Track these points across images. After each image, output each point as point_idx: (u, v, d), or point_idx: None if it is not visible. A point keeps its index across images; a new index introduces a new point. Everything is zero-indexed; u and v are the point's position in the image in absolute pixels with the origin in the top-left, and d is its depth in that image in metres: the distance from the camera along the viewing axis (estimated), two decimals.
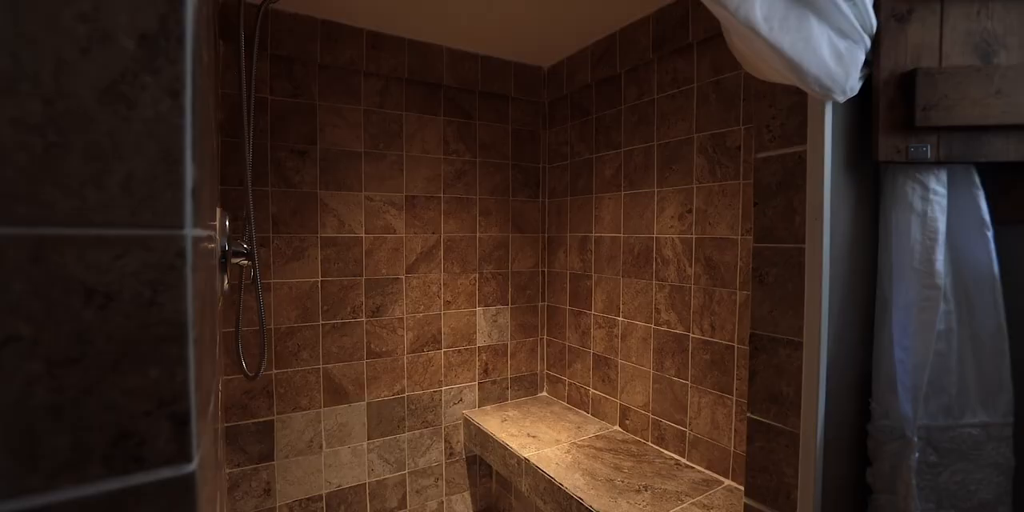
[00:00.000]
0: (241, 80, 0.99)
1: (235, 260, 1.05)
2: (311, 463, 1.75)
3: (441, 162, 2.00)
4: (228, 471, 1.61)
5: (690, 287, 1.55)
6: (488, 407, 2.13)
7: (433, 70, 1.93)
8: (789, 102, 0.81)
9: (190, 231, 0.34)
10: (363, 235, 1.83)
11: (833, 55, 0.69)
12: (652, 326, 1.70)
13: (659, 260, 1.66)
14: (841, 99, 0.72)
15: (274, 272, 1.67)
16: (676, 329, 1.60)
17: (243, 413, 1.63)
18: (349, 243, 1.81)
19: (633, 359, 1.78)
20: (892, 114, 0.78)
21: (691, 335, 1.55)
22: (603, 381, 1.94)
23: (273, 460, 1.68)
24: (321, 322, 1.76)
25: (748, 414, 0.88)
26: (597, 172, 1.93)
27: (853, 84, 0.72)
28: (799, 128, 0.79)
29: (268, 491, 1.67)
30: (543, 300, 2.28)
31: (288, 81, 1.66)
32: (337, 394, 1.79)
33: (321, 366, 1.76)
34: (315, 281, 1.74)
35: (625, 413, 1.83)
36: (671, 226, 1.61)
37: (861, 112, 0.79)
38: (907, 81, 0.77)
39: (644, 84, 1.70)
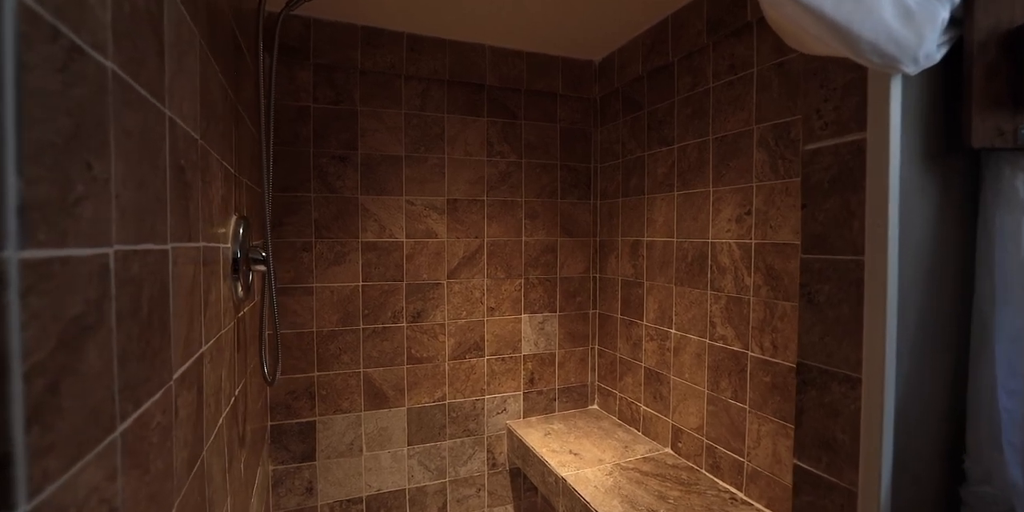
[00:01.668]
0: (259, 85, 1.00)
1: (257, 267, 1.06)
2: (351, 465, 1.77)
3: (484, 164, 1.94)
4: (272, 468, 1.67)
5: (749, 299, 1.36)
6: (533, 418, 2.05)
7: (475, 70, 1.88)
8: (844, 80, 0.65)
9: (15, 253, 0.29)
10: (404, 240, 1.82)
11: (899, 14, 0.54)
12: (707, 341, 1.52)
13: (714, 268, 1.49)
14: (912, 70, 0.56)
15: (316, 276, 1.70)
16: (733, 346, 1.42)
17: (287, 413, 1.67)
18: (389, 248, 1.80)
19: (686, 376, 1.62)
20: (992, 86, 0.60)
21: (749, 353, 1.36)
22: (655, 398, 1.78)
23: (315, 460, 1.72)
24: (362, 326, 1.77)
25: (794, 460, 0.72)
26: (649, 171, 1.78)
27: (929, 50, 0.56)
28: (857, 112, 0.64)
29: (310, 490, 1.71)
30: (594, 307, 2.16)
31: (330, 88, 1.69)
32: (377, 398, 1.80)
33: (362, 370, 1.77)
34: (356, 286, 1.76)
35: (678, 435, 1.67)
36: (728, 230, 1.43)
37: (944, 86, 0.62)
38: (1015, 41, 0.59)
39: (699, 72, 1.53)
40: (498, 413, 2.00)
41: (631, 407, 1.92)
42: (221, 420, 0.87)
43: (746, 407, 1.38)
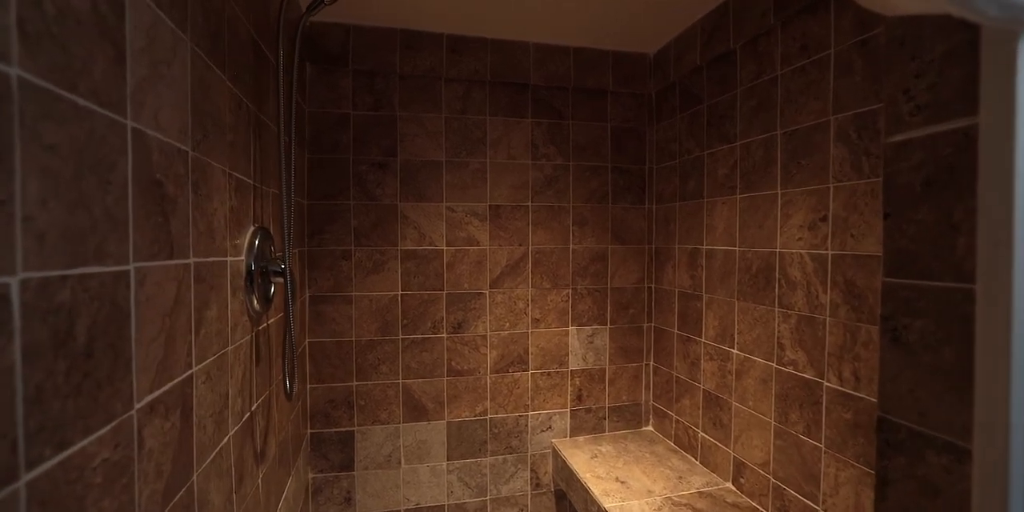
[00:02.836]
0: (279, 92, 0.97)
1: (276, 279, 1.03)
2: (390, 477, 1.73)
3: (529, 168, 1.85)
4: (311, 476, 1.67)
5: (824, 319, 1.16)
6: (581, 438, 1.92)
7: (518, 69, 1.79)
8: (944, 47, 0.49)
9: None
10: (444, 248, 1.77)
11: None
12: (774, 365, 1.33)
13: (783, 281, 1.29)
14: None
15: (355, 285, 1.69)
16: (805, 373, 1.22)
17: (325, 421, 1.67)
18: (429, 256, 1.76)
19: (750, 403, 1.42)
20: None
21: (825, 384, 1.16)
22: (714, 425, 1.59)
23: (353, 470, 1.70)
24: (401, 336, 1.74)
25: None
26: (708, 172, 1.60)
27: None
28: (963, 89, 0.47)
29: (349, 500, 1.70)
30: (649, 320, 1.99)
31: (370, 95, 1.68)
32: (416, 410, 1.75)
33: (400, 381, 1.74)
34: (395, 295, 1.73)
35: (740, 469, 1.47)
36: (799, 238, 1.24)
37: None
38: None
39: (764, 58, 1.34)
40: (543, 431, 1.89)
41: (688, 432, 1.74)
42: (226, 440, 0.84)
43: (821, 446, 1.18)
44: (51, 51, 0.41)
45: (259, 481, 1.03)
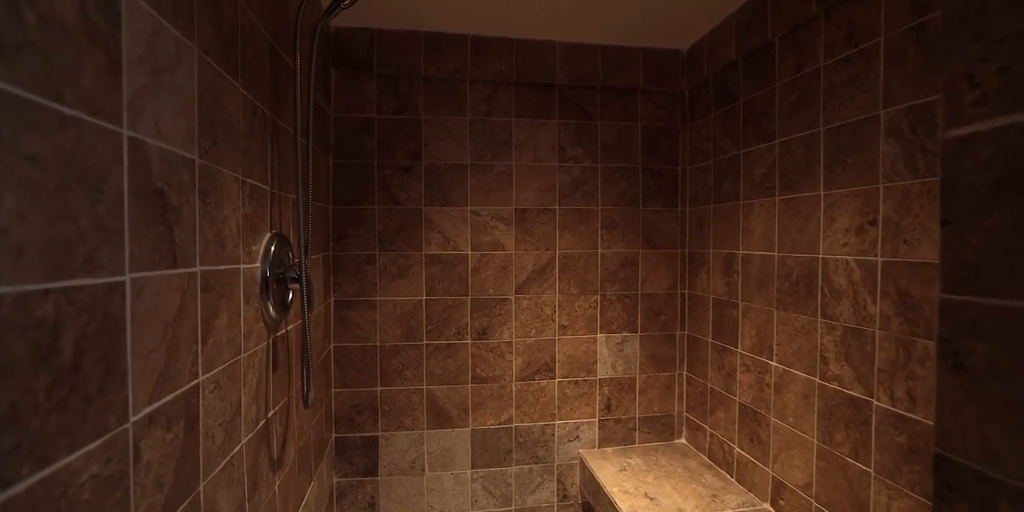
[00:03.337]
0: (296, 97, 0.97)
1: (294, 285, 1.03)
2: (413, 484, 1.72)
3: (556, 170, 1.80)
4: (336, 480, 1.67)
5: (874, 332, 1.06)
6: (609, 449, 1.85)
7: (544, 69, 1.75)
8: (1018, 25, 0.42)
9: None
10: (468, 252, 1.75)
11: None
12: (816, 380, 1.23)
13: (826, 290, 1.19)
14: None
15: (380, 290, 1.68)
16: (852, 390, 1.12)
17: (350, 426, 1.67)
18: (454, 261, 1.74)
19: (790, 420, 1.32)
20: None
21: (875, 403, 1.06)
22: (751, 440, 1.49)
23: (377, 476, 1.69)
24: (425, 342, 1.72)
25: None
26: (745, 172, 1.51)
27: None
28: None
29: (372, 505, 1.69)
30: (682, 328, 1.90)
31: (394, 98, 1.67)
32: (440, 417, 1.73)
33: (425, 387, 1.72)
34: (419, 300, 1.71)
35: (779, 489, 1.37)
36: (844, 243, 1.14)
37: None
38: None
39: (805, 50, 1.25)
40: (570, 441, 1.83)
41: (723, 447, 1.64)
42: (238, 448, 0.83)
43: (871, 471, 1.08)
44: (31, 60, 0.40)
45: (275, 488, 1.03)
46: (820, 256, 1.21)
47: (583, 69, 1.78)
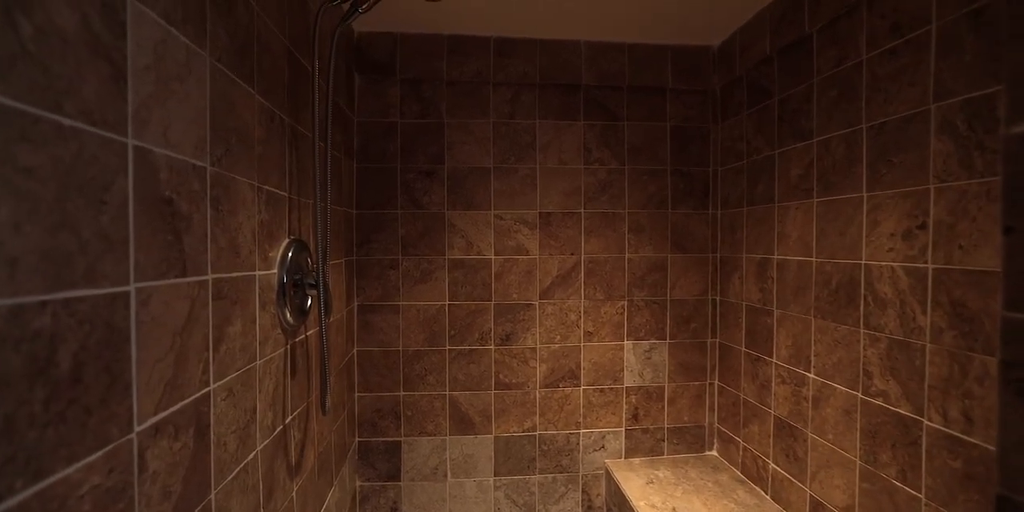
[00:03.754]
0: (313, 102, 0.97)
1: (312, 291, 1.03)
2: (436, 490, 1.70)
3: (581, 173, 1.76)
4: (359, 484, 1.68)
5: (924, 346, 0.98)
6: (636, 460, 1.79)
7: (569, 69, 1.72)
8: None
9: None
10: (492, 257, 1.72)
11: None
12: (858, 395, 1.15)
13: (870, 299, 1.11)
14: None
15: (403, 294, 1.68)
16: (899, 407, 1.04)
17: (373, 430, 1.67)
18: (477, 265, 1.72)
19: (830, 436, 1.24)
20: None
21: (926, 422, 0.98)
22: (787, 456, 1.41)
23: (400, 481, 1.69)
24: (448, 347, 1.71)
25: None
26: (780, 173, 1.43)
27: None
28: None
29: (395, 511, 1.69)
30: (713, 336, 1.83)
31: (417, 102, 1.67)
32: (463, 423, 1.71)
33: (447, 393, 1.71)
34: (442, 305, 1.70)
35: (817, 510, 1.29)
36: (890, 248, 1.06)
37: None
38: None
39: (846, 42, 1.17)
40: (595, 450, 1.78)
41: (757, 461, 1.56)
42: (252, 455, 0.83)
43: (921, 496, 0.99)
44: (27, 72, 0.40)
45: (293, 494, 1.03)
46: (863, 262, 1.13)
47: (609, 69, 1.73)
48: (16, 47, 0.39)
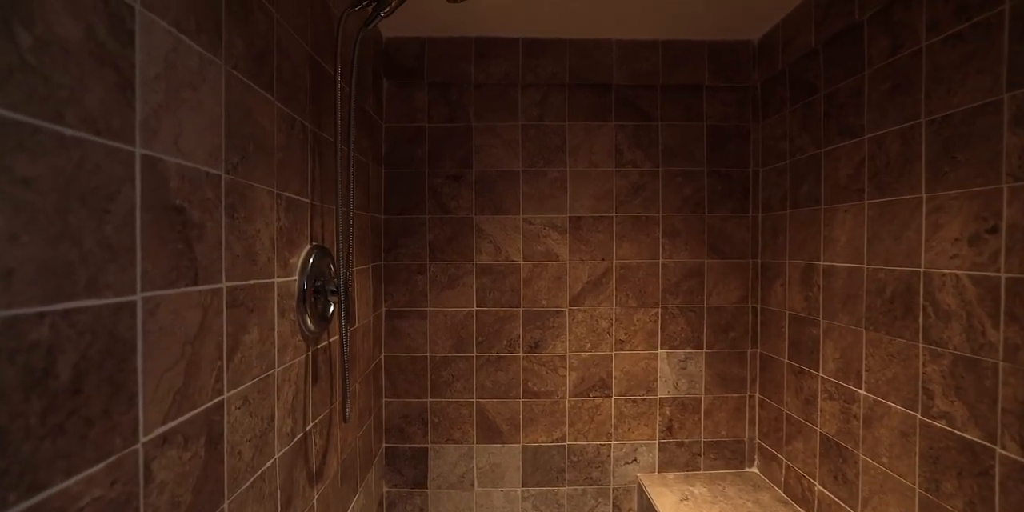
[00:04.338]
0: (336, 104, 0.96)
1: (334, 298, 1.02)
2: (463, 499, 1.68)
3: (613, 175, 1.71)
4: (386, 490, 1.67)
5: (996, 364, 0.88)
6: (670, 475, 1.71)
7: (600, 69, 1.67)
8: None
9: None
10: (521, 262, 1.69)
11: None
12: (918, 415, 1.04)
13: (930, 310, 1.01)
14: None
15: (430, 300, 1.67)
16: (966, 432, 0.93)
17: (400, 437, 1.67)
18: (505, 271, 1.69)
19: (884, 460, 1.14)
20: None
21: (999, 451, 0.87)
22: (835, 478, 1.31)
23: (426, 488, 1.67)
24: (475, 354, 1.68)
25: None
26: (827, 173, 1.34)
27: None
28: None
29: None
30: (753, 346, 1.73)
31: (445, 106, 1.66)
32: (490, 431, 1.69)
33: (475, 400, 1.68)
34: (470, 311, 1.68)
35: None
36: (954, 255, 0.96)
37: None
38: None
39: (902, 29, 1.08)
40: (627, 463, 1.72)
41: (801, 482, 1.46)
42: (270, 463, 0.83)
43: None
44: (25, 82, 0.40)
45: (314, 501, 1.02)
46: (921, 270, 1.03)
47: (641, 67, 1.67)
48: (13, 58, 0.39)
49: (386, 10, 1.02)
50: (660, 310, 1.72)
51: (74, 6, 0.45)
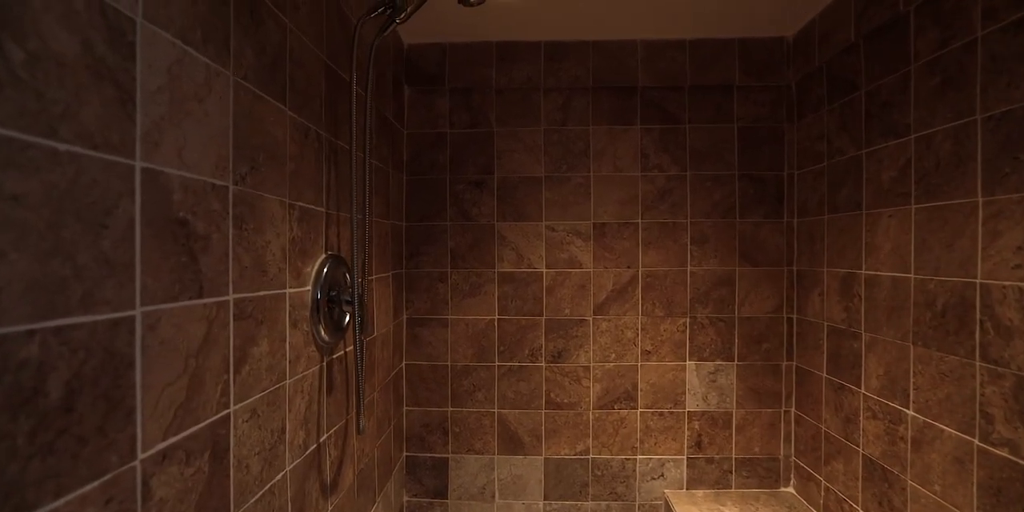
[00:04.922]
0: (351, 111, 0.96)
1: (347, 308, 1.01)
2: (484, 511, 1.65)
3: (638, 180, 1.65)
4: (406, 499, 1.66)
5: None
6: (699, 492, 1.63)
7: (624, 71, 1.62)
8: None
9: None
10: (543, 270, 1.66)
11: None
12: (975, 441, 0.95)
13: (989, 325, 0.92)
14: None
15: (451, 308, 1.65)
16: None
17: (420, 446, 1.65)
18: (528, 279, 1.66)
19: (935, 487, 1.04)
20: None
21: None
22: (880, 503, 1.21)
23: (447, 498, 1.65)
24: (497, 363, 1.66)
25: None
26: (869, 176, 1.25)
27: None
28: None
29: None
30: (788, 359, 1.64)
31: (466, 112, 1.65)
32: (512, 443, 1.65)
33: (496, 410, 1.65)
34: (491, 319, 1.65)
35: None
36: (1016, 265, 0.87)
37: None
38: None
39: (953, 19, 1.00)
40: (653, 479, 1.65)
41: (842, 506, 1.36)
42: (280, 475, 0.82)
43: None
44: (16, 98, 0.40)
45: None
46: (978, 281, 0.94)
47: (668, 68, 1.62)
48: (3, 74, 0.39)
49: (401, 16, 1.01)
50: (688, 320, 1.65)
51: (70, 21, 0.44)
